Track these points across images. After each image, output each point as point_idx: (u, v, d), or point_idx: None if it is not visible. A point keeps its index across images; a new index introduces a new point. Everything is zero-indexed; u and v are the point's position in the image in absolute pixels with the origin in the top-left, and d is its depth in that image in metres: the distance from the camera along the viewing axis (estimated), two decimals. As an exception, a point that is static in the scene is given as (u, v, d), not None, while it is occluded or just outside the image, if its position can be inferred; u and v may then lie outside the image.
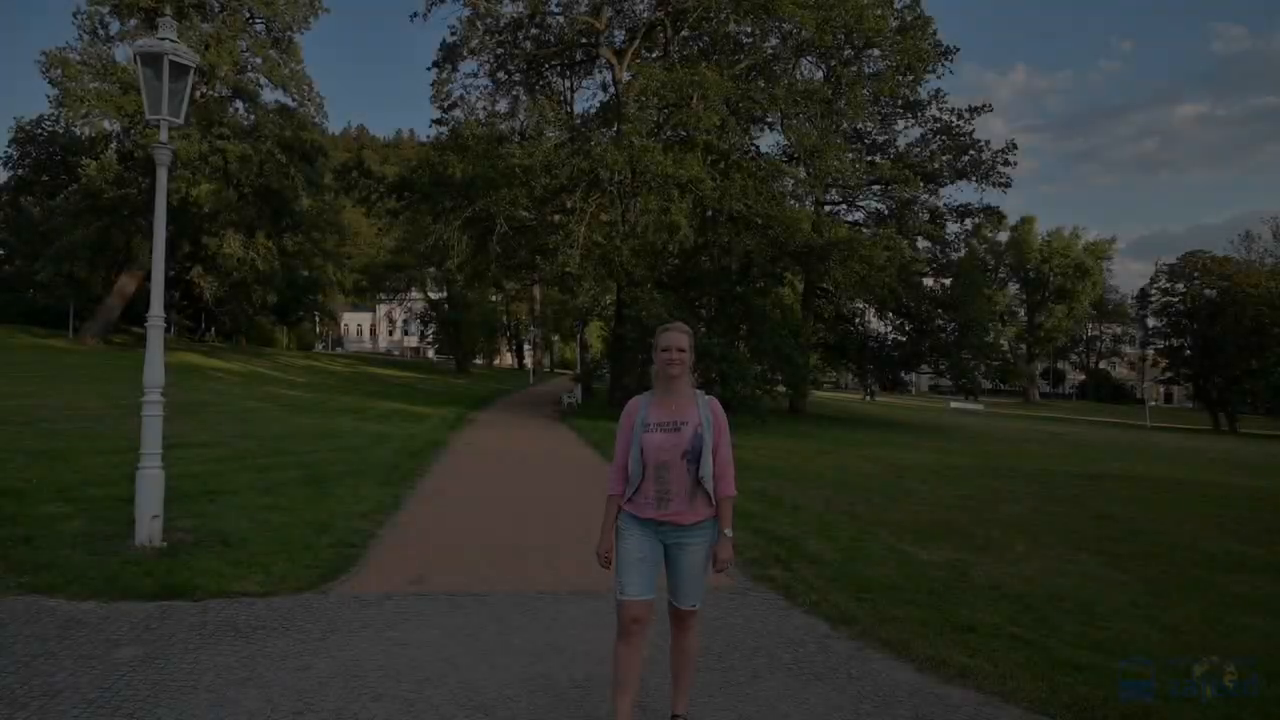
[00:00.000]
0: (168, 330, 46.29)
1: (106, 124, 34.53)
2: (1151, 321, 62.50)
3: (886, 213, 32.52)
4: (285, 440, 13.33)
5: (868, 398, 45.47)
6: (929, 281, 35.25)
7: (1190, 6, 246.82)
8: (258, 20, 36.65)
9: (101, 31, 33.94)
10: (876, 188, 32.06)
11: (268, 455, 11.35)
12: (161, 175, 6.27)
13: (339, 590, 5.52)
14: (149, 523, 6.05)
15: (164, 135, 6.22)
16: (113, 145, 35.67)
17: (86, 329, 35.66)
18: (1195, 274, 54.81)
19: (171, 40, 6.06)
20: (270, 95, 38.49)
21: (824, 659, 4.64)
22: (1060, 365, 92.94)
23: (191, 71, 6.29)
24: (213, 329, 54.05)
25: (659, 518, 3.33)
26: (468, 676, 4.09)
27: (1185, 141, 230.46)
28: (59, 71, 32.20)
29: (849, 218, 32.95)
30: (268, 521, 7.19)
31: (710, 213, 25.92)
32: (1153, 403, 71.60)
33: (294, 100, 37.97)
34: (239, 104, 37.27)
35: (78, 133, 38.10)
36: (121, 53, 33.78)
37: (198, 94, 35.70)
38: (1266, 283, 51.66)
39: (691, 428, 3.32)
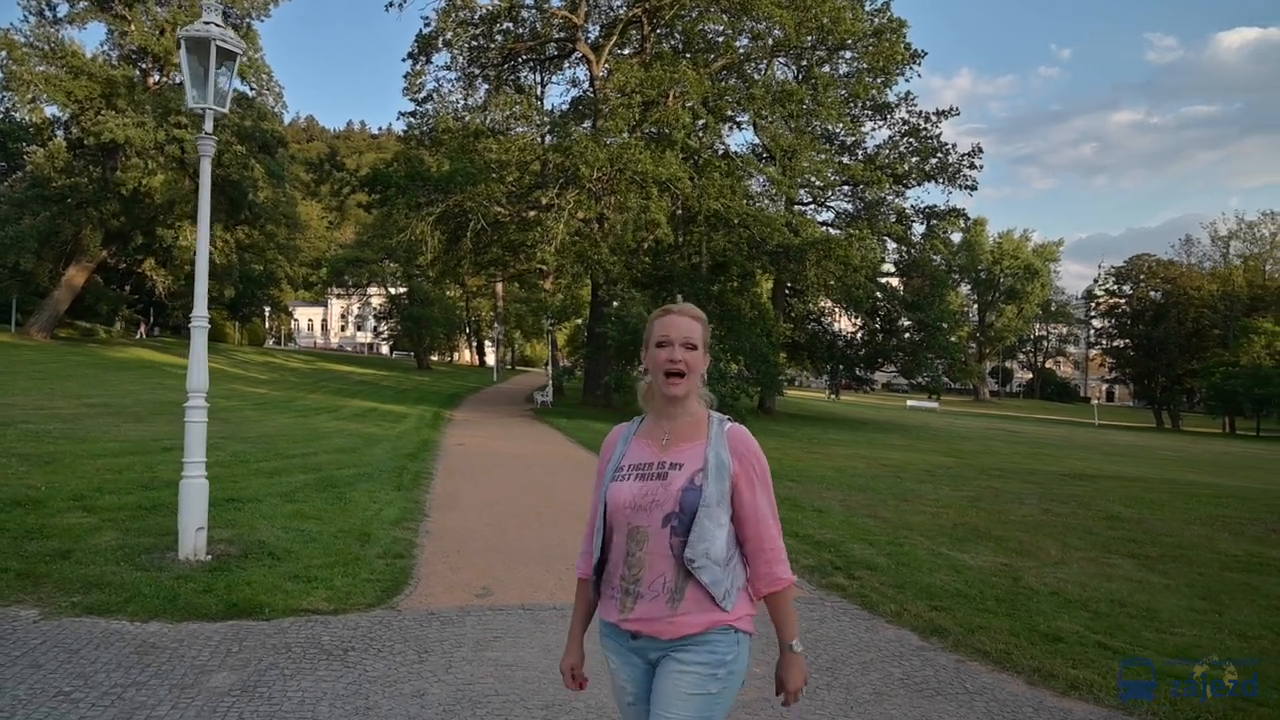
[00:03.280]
0: (113, 325, 44.78)
1: (53, 110, 33.14)
2: (1098, 322, 64.47)
3: (855, 213, 32.83)
4: (276, 442, 12.89)
5: (832, 396, 45.97)
6: (894, 281, 35.79)
7: (1125, 16, 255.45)
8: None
9: (49, 13, 32.54)
10: (846, 189, 32.34)
11: (267, 459, 10.93)
12: (205, 167, 5.91)
13: (408, 605, 5.27)
14: (194, 535, 5.70)
15: (209, 125, 5.86)
16: (60, 132, 34.27)
17: (33, 323, 34.22)
18: (1141, 276, 56.58)
19: (218, 25, 5.73)
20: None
21: (933, 673, 4.55)
22: (1008, 364, 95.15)
23: (238, 58, 5.96)
24: (160, 324, 52.37)
25: (625, 625, 1.99)
26: (594, 701, 3.90)
27: (1122, 147, 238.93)
28: (4, 54, 30.77)
29: (819, 218, 33.17)
30: (304, 531, 6.87)
31: (680, 210, 25.85)
32: (1096, 401, 73.76)
33: (252, 89, 36.93)
34: (195, 91, 35.97)
35: (19, 118, 36.52)
36: (70, 35, 32.43)
37: (151, 81, 34.51)
38: (1208, 286, 53.57)
39: (686, 474, 1.97)
